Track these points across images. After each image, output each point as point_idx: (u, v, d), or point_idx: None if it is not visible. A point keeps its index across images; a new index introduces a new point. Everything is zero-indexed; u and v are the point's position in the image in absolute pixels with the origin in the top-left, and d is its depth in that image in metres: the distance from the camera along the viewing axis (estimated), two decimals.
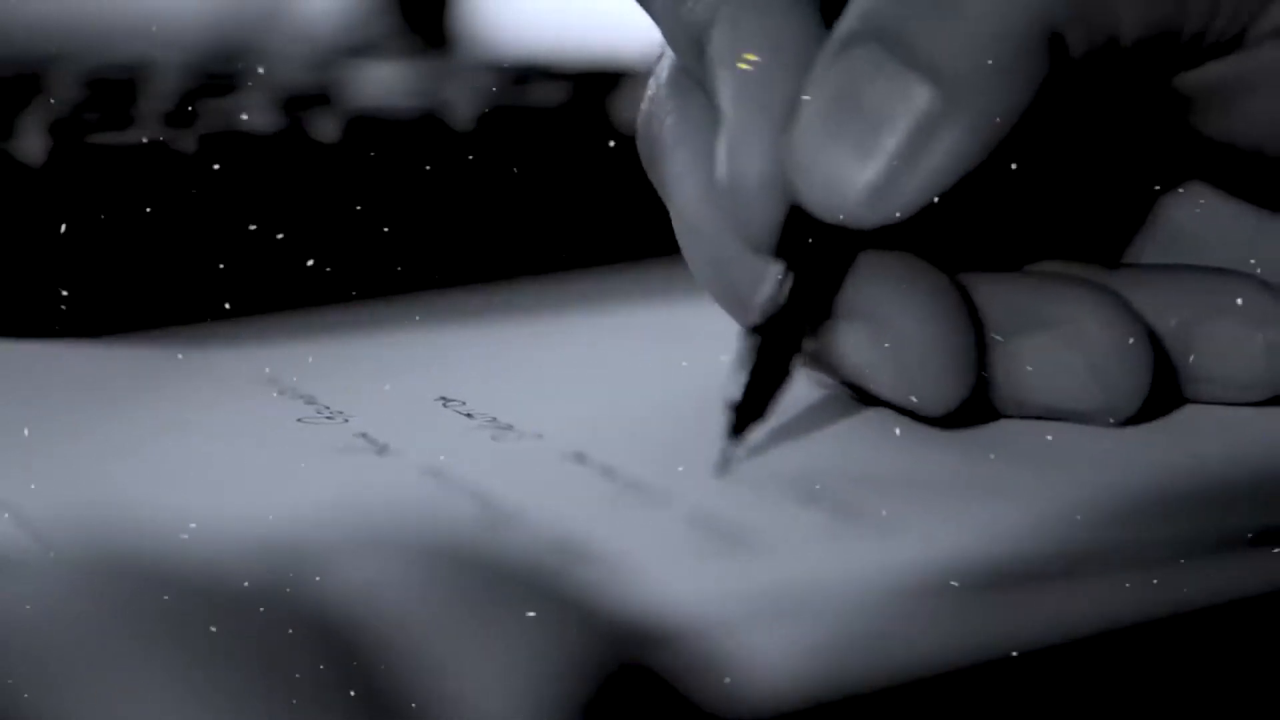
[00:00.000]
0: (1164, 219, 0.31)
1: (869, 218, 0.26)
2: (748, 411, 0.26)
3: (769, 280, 0.27)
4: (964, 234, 0.30)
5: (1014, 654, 0.21)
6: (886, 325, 0.27)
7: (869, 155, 0.25)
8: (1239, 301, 0.29)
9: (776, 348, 0.26)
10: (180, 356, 0.34)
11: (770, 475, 0.26)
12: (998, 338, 0.28)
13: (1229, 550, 0.24)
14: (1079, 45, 0.26)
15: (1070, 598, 0.22)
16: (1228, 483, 0.27)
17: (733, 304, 0.28)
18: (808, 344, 0.27)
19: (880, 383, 0.27)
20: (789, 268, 0.27)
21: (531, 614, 0.16)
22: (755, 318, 0.27)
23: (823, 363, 0.28)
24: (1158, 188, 0.31)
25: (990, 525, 0.24)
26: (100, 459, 0.28)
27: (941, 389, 0.27)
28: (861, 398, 0.29)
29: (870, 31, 0.26)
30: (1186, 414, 0.29)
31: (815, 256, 0.27)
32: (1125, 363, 0.28)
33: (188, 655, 0.14)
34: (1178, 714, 0.21)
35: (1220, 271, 0.29)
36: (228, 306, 0.36)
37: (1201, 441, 0.28)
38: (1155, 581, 0.23)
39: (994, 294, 0.28)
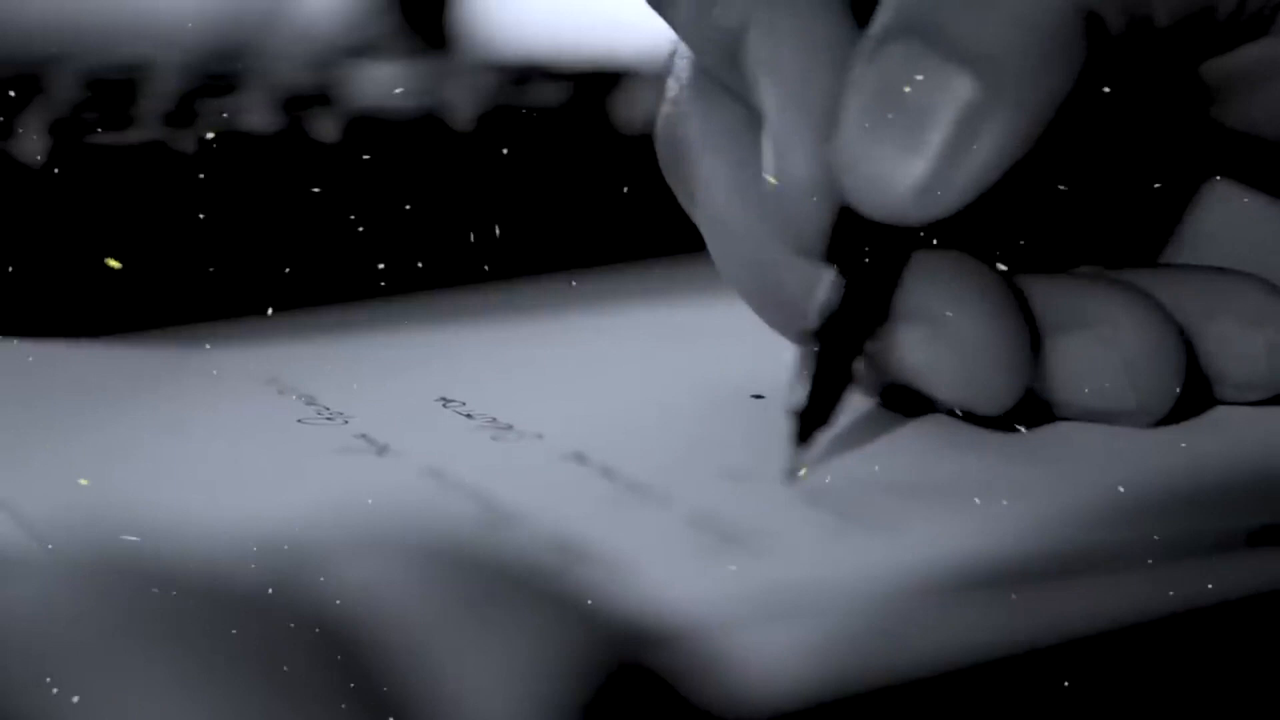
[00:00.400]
0: (1186, 214, 0.31)
1: (919, 214, 0.26)
2: (812, 418, 0.26)
3: (823, 284, 0.26)
4: (999, 232, 0.29)
5: (1014, 654, 0.21)
6: (943, 325, 0.26)
7: (915, 151, 0.25)
8: (1241, 301, 0.29)
9: (836, 352, 0.26)
10: (180, 356, 0.34)
11: (771, 475, 0.26)
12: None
13: (1229, 550, 0.24)
14: (1116, 24, 0.26)
15: (1070, 598, 0.22)
16: (1228, 483, 0.27)
17: (772, 308, 0.28)
18: (867, 346, 0.27)
19: (937, 383, 0.27)
20: (842, 270, 0.26)
21: (531, 614, 0.16)
22: (810, 322, 0.26)
23: (876, 365, 0.28)
24: (1182, 179, 0.31)
25: (990, 525, 0.24)
26: (100, 459, 0.28)
27: (998, 387, 0.27)
28: (889, 404, 0.29)
29: (907, 25, 0.25)
30: (1200, 414, 0.29)
31: (867, 258, 0.26)
32: (1160, 364, 0.28)
33: (187, 655, 0.14)
34: (1178, 714, 0.21)
35: (1225, 271, 0.29)
36: (228, 306, 0.36)
37: (1202, 441, 0.28)
38: (1155, 581, 0.23)
39: (1030, 294, 0.28)
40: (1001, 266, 0.27)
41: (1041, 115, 0.25)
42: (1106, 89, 0.27)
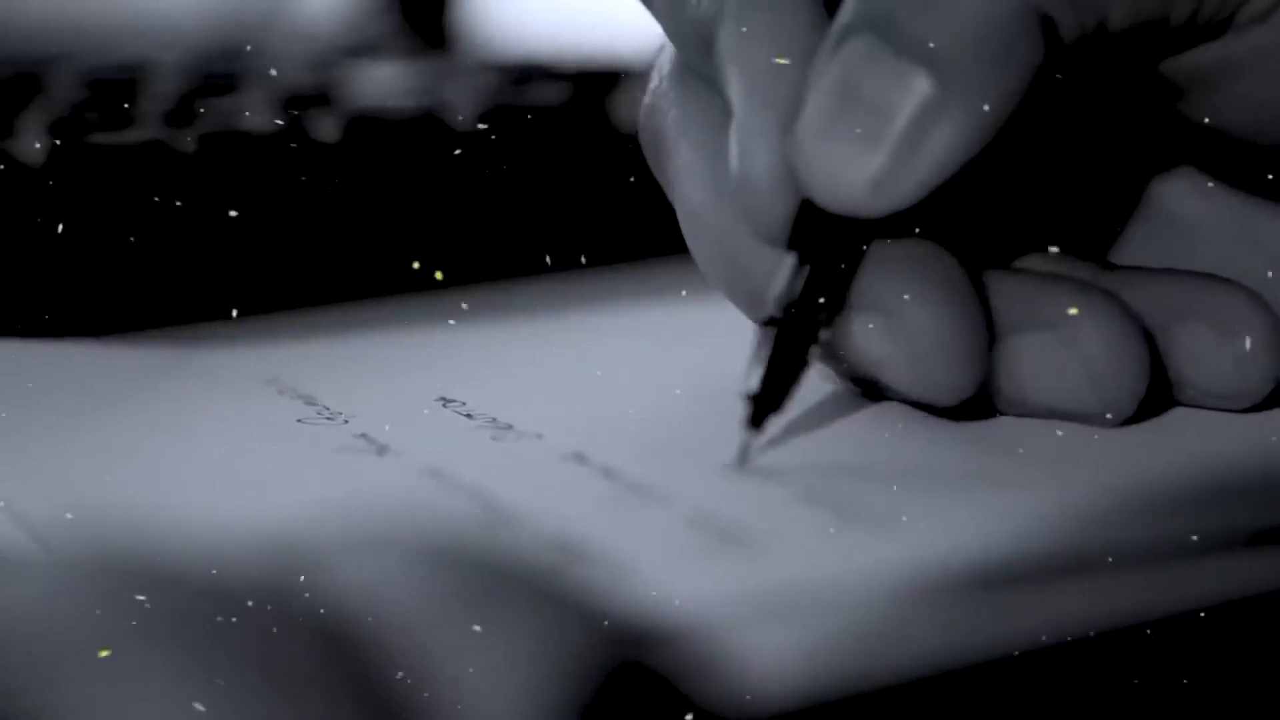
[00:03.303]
0: (1157, 206, 0.31)
1: (874, 207, 0.26)
2: (765, 403, 0.26)
3: (783, 272, 0.27)
4: (963, 226, 0.30)
5: (1014, 654, 0.21)
6: (898, 316, 0.27)
7: (870, 146, 0.26)
8: (1215, 309, 0.29)
9: (793, 339, 0.27)
10: (180, 356, 0.34)
11: (771, 474, 0.26)
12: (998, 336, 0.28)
13: (1229, 550, 0.24)
14: (1070, 31, 0.26)
15: (1070, 598, 0.22)
16: (1227, 483, 0.27)
17: (741, 296, 0.28)
18: (822, 335, 0.27)
19: (892, 373, 0.27)
20: (802, 260, 0.27)
21: (531, 614, 0.16)
22: (771, 310, 0.27)
23: (835, 354, 0.28)
24: (1151, 175, 0.31)
25: (991, 524, 0.24)
26: (100, 459, 0.28)
27: (952, 379, 0.27)
28: (868, 393, 0.29)
29: (866, 21, 0.26)
30: (1186, 413, 0.29)
31: (827, 248, 0.27)
32: (1121, 365, 0.28)
33: (187, 655, 0.14)
34: (1178, 714, 0.21)
35: (1205, 277, 0.29)
36: (228, 306, 0.36)
37: (1201, 441, 0.28)
38: (1156, 581, 0.23)
39: (993, 292, 0.28)
40: (965, 260, 0.28)
41: (996, 114, 0.25)
42: (1067, 87, 0.27)
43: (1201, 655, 0.22)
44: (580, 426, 0.29)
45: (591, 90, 0.42)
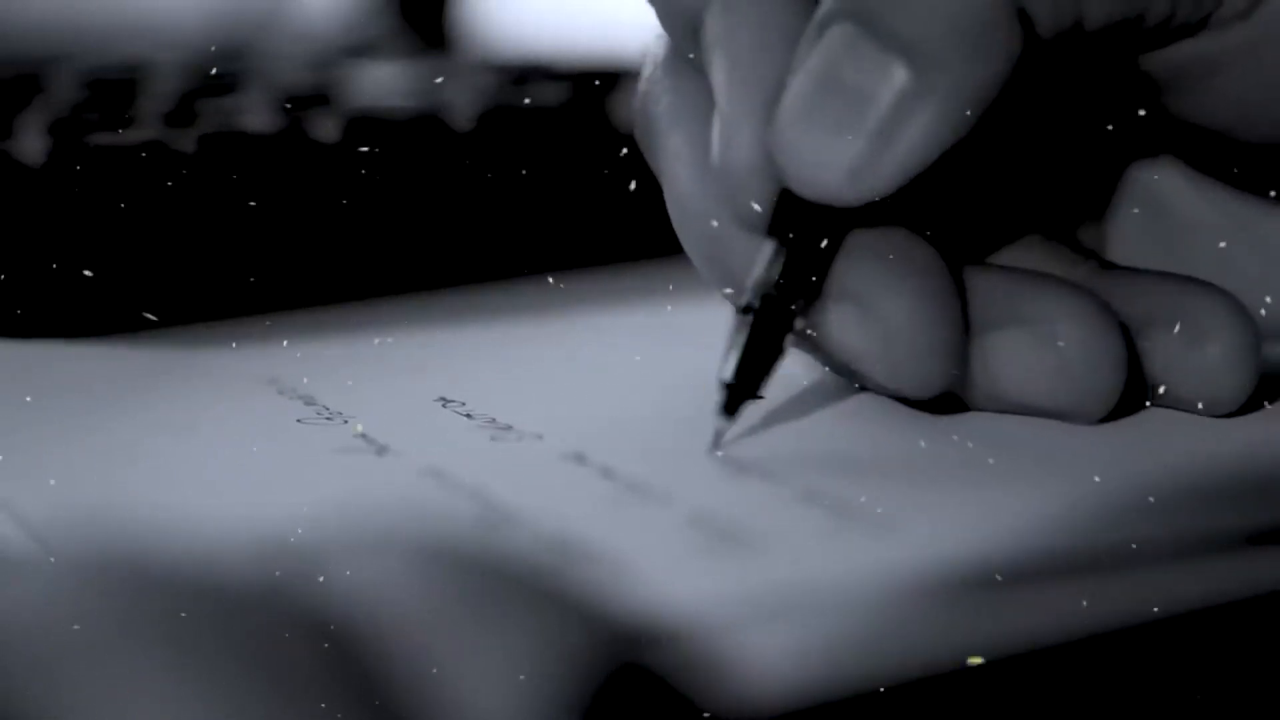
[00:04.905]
0: (1150, 203, 0.31)
1: (851, 196, 0.26)
2: (741, 390, 0.27)
3: (760, 260, 0.27)
4: (947, 219, 0.30)
5: (1013, 654, 0.21)
6: (873, 307, 0.27)
7: (848, 134, 0.26)
8: (1192, 315, 0.28)
9: (769, 326, 0.27)
10: (181, 356, 0.34)
11: (770, 473, 0.26)
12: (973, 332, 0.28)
13: (1228, 550, 0.24)
14: (1048, 26, 0.26)
15: (1069, 598, 0.22)
16: (1227, 483, 0.27)
17: (725, 282, 0.29)
18: (798, 323, 0.27)
19: (865, 363, 0.27)
20: (780, 247, 0.27)
21: (531, 614, 0.16)
22: (747, 297, 0.27)
23: (811, 343, 0.28)
24: (1142, 170, 0.31)
25: (990, 525, 0.24)
26: (100, 459, 0.28)
27: (925, 371, 0.27)
28: (850, 380, 0.29)
29: (847, 11, 0.26)
30: (1184, 413, 0.29)
31: (806, 236, 0.27)
32: (1099, 364, 0.28)
33: (187, 656, 0.14)
34: (1177, 714, 0.21)
35: (1186, 280, 0.29)
36: (228, 306, 0.36)
37: (1201, 441, 0.28)
38: (1154, 582, 0.23)
39: (972, 288, 0.28)
40: (945, 253, 0.28)
41: (973, 105, 0.26)
42: (1046, 80, 0.27)
43: (1201, 655, 0.22)
44: (580, 426, 0.29)
45: (591, 90, 0.42)
